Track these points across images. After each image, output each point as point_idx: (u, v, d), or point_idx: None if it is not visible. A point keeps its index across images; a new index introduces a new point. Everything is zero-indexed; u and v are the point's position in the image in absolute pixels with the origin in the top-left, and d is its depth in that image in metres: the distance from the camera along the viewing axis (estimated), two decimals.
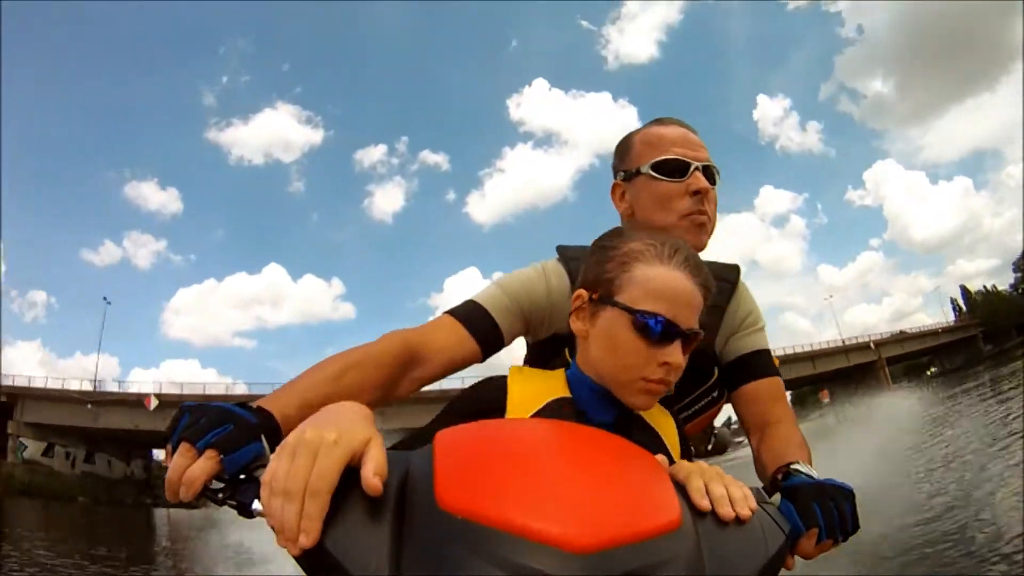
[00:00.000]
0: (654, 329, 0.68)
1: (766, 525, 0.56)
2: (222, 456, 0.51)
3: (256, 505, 0.49)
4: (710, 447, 1.44)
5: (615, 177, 1.04)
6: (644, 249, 0.73)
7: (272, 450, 0.54)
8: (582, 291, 0.76)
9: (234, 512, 0.52)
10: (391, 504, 0.46)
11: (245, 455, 0.53)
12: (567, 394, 0.77)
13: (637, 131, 1.03)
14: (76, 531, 14.77)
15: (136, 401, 32.11)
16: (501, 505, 0.43)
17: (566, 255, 0.99)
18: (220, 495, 0.52)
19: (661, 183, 0.94)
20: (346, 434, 0.46)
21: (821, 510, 0.60)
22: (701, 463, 0.61)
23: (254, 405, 0.62)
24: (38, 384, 33.22)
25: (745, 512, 0.54)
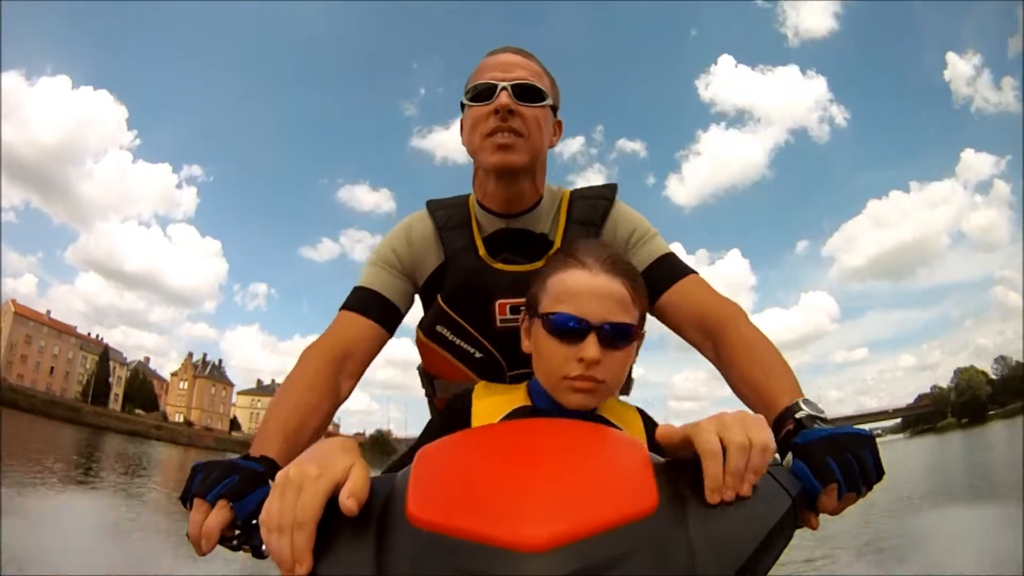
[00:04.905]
0: (560, 326, 0.72)
1: (770, 490, 0.52)
2: (232, 504, 0.56)
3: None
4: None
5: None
6: (555, 260, 0.79)
7: None
8: (523, 312, 0.82)
9: None
10: (374, 525, 0.48)
11: (253, 500, 0.56)
12: (528, 403, 0.79)
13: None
14: None
15: None
16: (458, 513, 0.45)
17: (432, 206, 1.06)
18: (235, 542, 0.56)
19: (473, 108, 0.95)
20: (327, 467, 0.49)
21: (837, 464, 0.55)
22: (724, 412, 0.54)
23: (255, 455, 0.67)
24: None
25: (745, 490, 0.50)
